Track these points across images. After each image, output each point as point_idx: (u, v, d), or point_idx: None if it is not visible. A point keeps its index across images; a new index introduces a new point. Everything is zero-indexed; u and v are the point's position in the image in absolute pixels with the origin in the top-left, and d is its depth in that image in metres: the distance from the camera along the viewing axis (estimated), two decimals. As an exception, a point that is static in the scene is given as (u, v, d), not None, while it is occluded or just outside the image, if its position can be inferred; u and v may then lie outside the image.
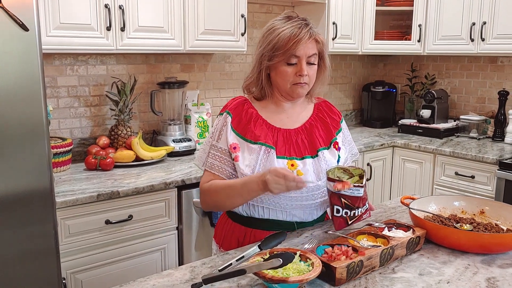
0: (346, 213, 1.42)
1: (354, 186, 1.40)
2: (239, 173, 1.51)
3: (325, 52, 1.55)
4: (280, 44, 1.46)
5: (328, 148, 1.58)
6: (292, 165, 1.51)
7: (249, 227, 1.55)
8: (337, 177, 1.48)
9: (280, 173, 1.33)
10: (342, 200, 1.41)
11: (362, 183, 1.43)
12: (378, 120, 3.95)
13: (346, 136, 1.69)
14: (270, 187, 1.34)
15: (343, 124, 1.69)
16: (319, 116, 1.63)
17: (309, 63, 1.50)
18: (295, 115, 1.61)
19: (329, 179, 1.44)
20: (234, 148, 1.51)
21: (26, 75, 1.59)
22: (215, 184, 1.51)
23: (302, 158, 1.53)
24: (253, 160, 1.49)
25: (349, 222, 1.43)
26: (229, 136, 1.52)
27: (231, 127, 1.53)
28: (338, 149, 1.61)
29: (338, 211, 1.42)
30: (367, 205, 1.48)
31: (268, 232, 1.46)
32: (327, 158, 1.56)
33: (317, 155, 1.55)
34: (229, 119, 1.54)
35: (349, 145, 1.71)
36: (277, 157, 1.50)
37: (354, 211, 1.42)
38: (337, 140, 1.61)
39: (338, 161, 1.59)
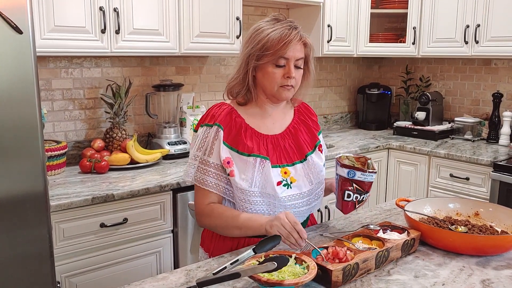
0: (356, 197, 1.50)
1: (369, 171, 1.48)
2: (235, 187, 1.48)
3: (310, 57, 1.53)
4: (270, 44, 1.43)
5: (314, 152, 1.59)
6: (285, 172, 1.51)
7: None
8: (351, 163, 1.56)
9: (288, 225, 1.33)
10: (354, 185, 1.49)
11: (375, 169, 1.51)
12: (373, 122, 3.95)
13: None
14: (272, 230, 1.35)
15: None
16: (301, 118, 1.64)
17: (296, 67, 1.49)
18: (279, 119, 1.60)
19: (343, 165, 1.50)
20: (228, 162, 1.47)
21: (20, 78, 1.58)
22: (217, 211, 1.48)
23: (293, 164, 1.54)
24: (249, 173, 1.47)
25: (357, 206, 1.52)
26: (222, 150, 1.48)
27: (223, 141, 1.49)
28: (322, 151, 1.63)
29: (349, 195, 1.51)
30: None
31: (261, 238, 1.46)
32: (315, 161, 1.58)
33: (305, 159, 1.56)
34: (221, 133, 1.49)
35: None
36: (272, 167, 1.49)
37: (363, 196, 1.51)
38: (320, 143, 1.63)
39: (323, 163, 1.62)
